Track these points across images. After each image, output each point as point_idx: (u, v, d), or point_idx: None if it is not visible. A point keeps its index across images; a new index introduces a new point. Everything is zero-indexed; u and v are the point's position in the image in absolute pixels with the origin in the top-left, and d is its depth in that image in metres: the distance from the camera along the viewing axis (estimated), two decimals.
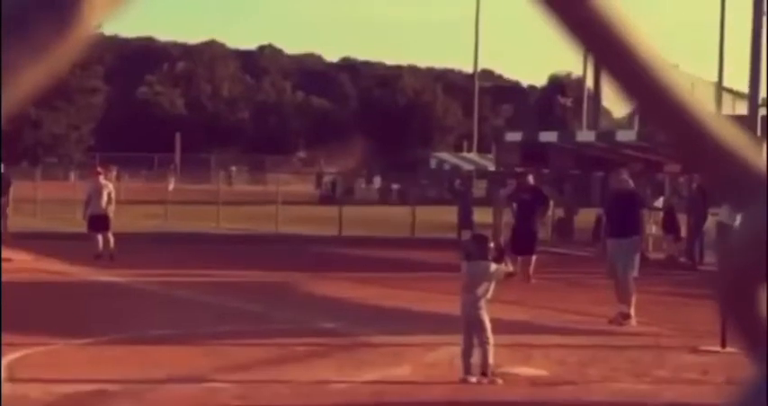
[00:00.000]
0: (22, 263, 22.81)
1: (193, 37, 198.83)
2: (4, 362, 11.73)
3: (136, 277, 21.30)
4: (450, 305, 13.06)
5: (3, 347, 11.62)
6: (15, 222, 27.15)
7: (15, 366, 11.82)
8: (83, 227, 25.80)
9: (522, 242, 22.55)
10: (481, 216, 31.21)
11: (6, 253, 22.16)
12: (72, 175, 62.78)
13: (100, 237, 24.91)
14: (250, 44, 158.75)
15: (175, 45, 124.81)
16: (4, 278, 15.79)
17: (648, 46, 0.89)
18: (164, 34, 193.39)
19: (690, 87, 0.92)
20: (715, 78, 30.20)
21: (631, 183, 18.13)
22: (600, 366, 12.72)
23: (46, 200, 39.59)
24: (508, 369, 12.02)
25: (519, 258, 22.16)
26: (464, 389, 11.30)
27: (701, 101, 0.91)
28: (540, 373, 12.19)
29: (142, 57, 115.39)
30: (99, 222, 24.93)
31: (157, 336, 14.18)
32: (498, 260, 12.00)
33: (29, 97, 0.87)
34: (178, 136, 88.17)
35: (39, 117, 74.93)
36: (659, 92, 0.89)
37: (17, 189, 30.80)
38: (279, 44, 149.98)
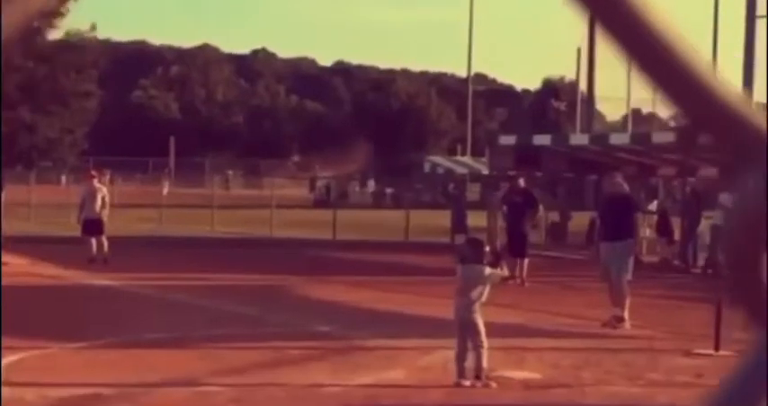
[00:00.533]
0: (18, 267, 22.78)
1: (187, 41, 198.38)
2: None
3: (130, 280, 21.30)
4: (444, 309, 13.08)
5: (1, 350, 11.65)
6: (10, 226, 27.09)
7: (11, 370, 11.82)
8: (77, 231, 25.73)
9: (513, 245, 22.60)
10: (475, 219, 31.20)
11: (3, 257, 22.12)
12: (64, 179, 62.55)
13: (94, 241, 24.86)
14: (244, 48, 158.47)
15: (169, 49, 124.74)
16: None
17: (656, 11, 0.91)
18: (157, 38, 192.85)
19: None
20: None
21: (625, 186, 18.15)
22: (593, 369, 12.75)
23: (40, 204, 39.48)
24: (502, 372, 12.05)
25: (518, 260, 22.24)
26: (458, 392, 11.33)
27: (708, 65, 0.93)
28: (533, 376, 12.21)
29: (136, 61, 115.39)
30: (93, 226, 24.89)
31: (152, 339, 14.21)
32: (494, 264, 12.03)
33: (26, 20, 0.88)
34: (172, 139, 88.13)
35: (33, 121, 74.76)
36: (664, 52, 0.90)
37: (11, 193, 30.76)
38: (272, 48, 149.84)
